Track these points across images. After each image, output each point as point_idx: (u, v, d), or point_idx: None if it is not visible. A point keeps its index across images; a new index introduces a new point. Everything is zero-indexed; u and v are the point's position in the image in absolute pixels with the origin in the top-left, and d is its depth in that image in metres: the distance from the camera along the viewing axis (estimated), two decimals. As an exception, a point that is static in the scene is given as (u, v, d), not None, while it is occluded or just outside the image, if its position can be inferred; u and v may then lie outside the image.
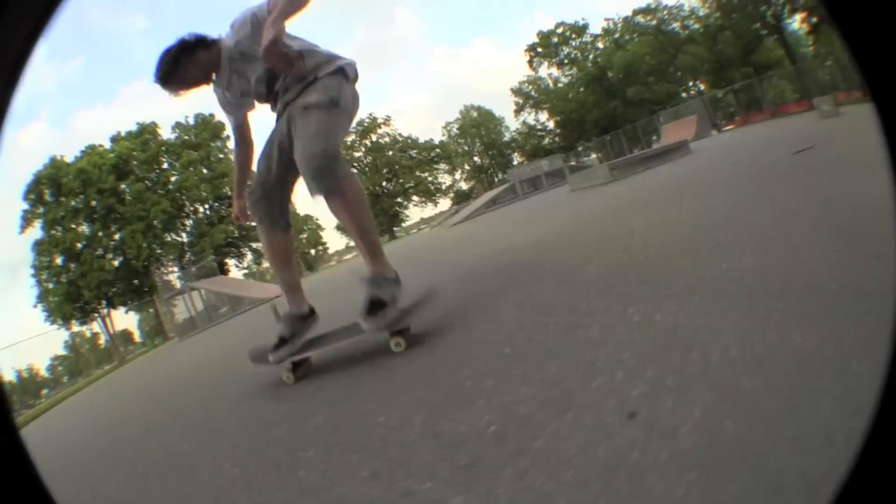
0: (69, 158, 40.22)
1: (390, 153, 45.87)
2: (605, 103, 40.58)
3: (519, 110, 46.60)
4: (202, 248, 38.84)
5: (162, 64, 2.15)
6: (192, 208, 41.82)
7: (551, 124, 45.91)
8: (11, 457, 0.58)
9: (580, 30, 44.41)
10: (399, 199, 46.84)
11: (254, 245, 42.17)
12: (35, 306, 38.10)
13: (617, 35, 42.71)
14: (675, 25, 39.83)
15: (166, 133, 42.57)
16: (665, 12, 40.12)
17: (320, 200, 1.97)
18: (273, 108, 2.27)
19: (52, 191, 38.83)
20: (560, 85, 45.04)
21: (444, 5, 70.51)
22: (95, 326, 40.44)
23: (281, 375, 2.15)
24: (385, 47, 72.95)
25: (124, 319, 42.05)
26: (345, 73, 2.13)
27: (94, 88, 66.96)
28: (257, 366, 2.30)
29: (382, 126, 46.19)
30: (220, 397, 2.63)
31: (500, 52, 72.46)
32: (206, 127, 41.72)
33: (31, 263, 38.50)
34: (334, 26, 71.36)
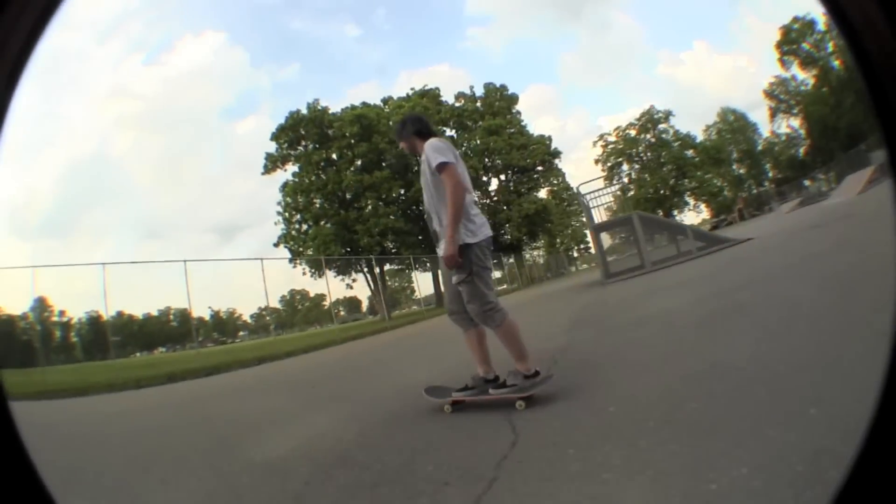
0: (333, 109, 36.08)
1: (674, 150, 43.02)
2: (857, 107, 38.54)
3: (773, 114, 45.41)
4: (508, 216, 33.23)
5: (401, 120, 3.45)
6: (485, 178, 36.47)
7: (803, 131, 44.71)
8: (10, 455, 0.58)
9: (808, 24, 43.00)
10: (675, 201, 42.67)
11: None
12: (276, 245, 36.15)
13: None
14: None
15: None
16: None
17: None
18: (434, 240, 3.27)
19: (316, 133, 36.08)
20: (804, 87, 43.90)
21: (657, 7, 71.71)
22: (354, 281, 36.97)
23: (443, 407, 3.24)
24: (611, 53, 73.25)
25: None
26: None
27: (321, 88, 66.23)
28: (428, 397, 3.38)
29: (662, 122, 44.17)
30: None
31: (719, 54, 72.39)
32: (499, 97, 38.70)
33: (279, 203, 36.55)
34: (554, 31, 72.52)
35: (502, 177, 37.39)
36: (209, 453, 3.29)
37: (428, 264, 35.91)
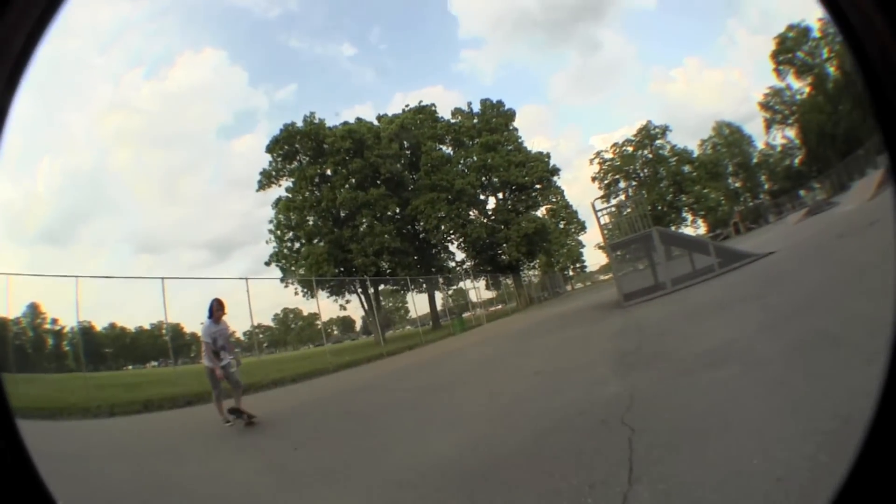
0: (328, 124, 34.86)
1: (671, 165, 42.70)
2: (855, 112, 37.72)
3: (769, 126, 45.27)
4: (507, 236, 32.60)
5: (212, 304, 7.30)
6: (483, 196, 35.71)
7: (798, 141, 44.53)
8: (12, 456, 0.60)
9: (804, 32, 42.21)
10: (673, 217, 42.27)
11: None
12: (268, 264, 35.23)
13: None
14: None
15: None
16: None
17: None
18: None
19: (311, 147, 35.23)
20: (800, 96, 43.46)
21: (646, 26, 72.02)
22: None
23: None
24: (602, 72, 73.36)
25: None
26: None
27: (316, 109, 65.21)
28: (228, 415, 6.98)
29: (658, 137, 43.81)
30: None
31: (710, 69, 72.78)
32: (496, 113, 38.04)
33: (270, 220, 35.57)
34: (545, 53, 72.13)
35: (500, 195, 36.72)
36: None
37: (424, 285, 35.30)
